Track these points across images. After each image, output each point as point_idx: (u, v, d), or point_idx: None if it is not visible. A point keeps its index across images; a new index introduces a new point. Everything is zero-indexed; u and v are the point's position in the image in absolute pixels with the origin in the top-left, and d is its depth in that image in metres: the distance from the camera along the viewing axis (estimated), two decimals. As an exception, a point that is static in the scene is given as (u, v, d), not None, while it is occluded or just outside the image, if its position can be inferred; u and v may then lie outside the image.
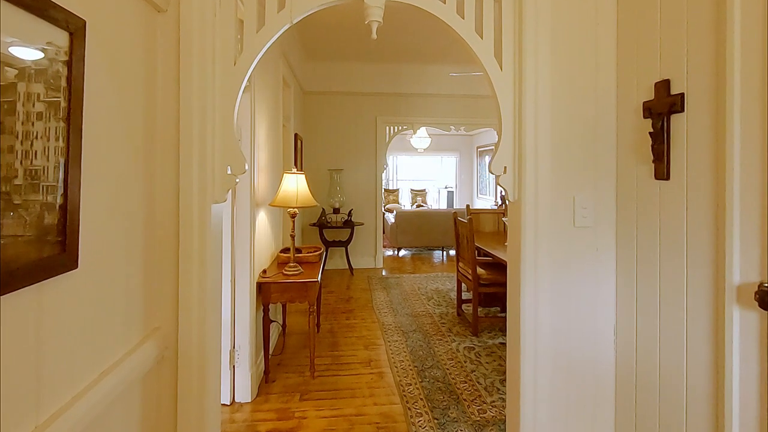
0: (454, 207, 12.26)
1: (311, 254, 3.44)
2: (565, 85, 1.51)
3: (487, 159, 11.22)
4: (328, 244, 6.03)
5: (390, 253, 7.73)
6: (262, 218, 3.15)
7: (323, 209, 6.03)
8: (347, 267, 6.14)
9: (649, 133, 1.31)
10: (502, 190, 1.55)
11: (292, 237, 3.07)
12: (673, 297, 1.25)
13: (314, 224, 5.99)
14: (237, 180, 1.44)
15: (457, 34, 1.50)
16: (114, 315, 1.06)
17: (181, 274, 1.32)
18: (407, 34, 5.16)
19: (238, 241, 2.69)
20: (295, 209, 3.02)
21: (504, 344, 3.63)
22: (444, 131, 8.52)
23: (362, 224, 6.18)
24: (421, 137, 9.49)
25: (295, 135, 5.20)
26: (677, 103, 1.22)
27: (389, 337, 3.73)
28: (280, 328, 3.68)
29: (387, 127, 6.49)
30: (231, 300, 2.63)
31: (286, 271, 3.01)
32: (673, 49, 1.25)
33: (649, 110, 1.33)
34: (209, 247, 1.37)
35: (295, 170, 3.07)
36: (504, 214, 5.14)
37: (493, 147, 10.81)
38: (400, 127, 6.52)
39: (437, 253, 7.73)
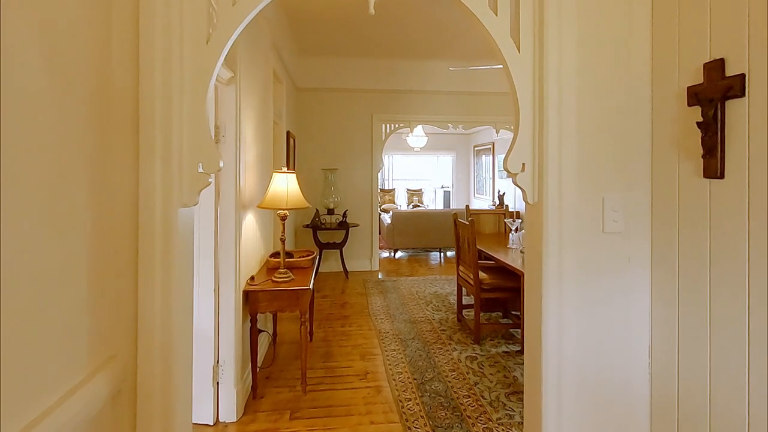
0: (451, 207, 12.08)
1: (303, 259, 3.22)
2: (593, 68, 1.30)
3: (484, 158, 11.04)
4: (323, 247, 5.81)
5: (386, 254, 7.52)
6: (250, 221, 2.93)
7: (317, 210, 5.81)
8: (342, 270, 5.92)
9: (697, 123, 1.11)
10: (520, 190, 1.34)
11: (282, 241, 2.85)
12: (731, 321, 1.04)
13: (308, 226, 5.77)
14: (210, 180, 1.22)
15: (467, 8, 1.29)
16: (46, 350, 0.84)
17: (141, 291, 1.10)
18: (404, 28, 4.95)
19: (222, 247, 2.47)
20: (286, 211, 2.81)
21: (508, 353, 3.43)
22: (442, 129, 8.33)
23: (357, 225, 5.97)
24: (417, 136, 9.29)
25: (288, 133, 4.97)
26: (735, 87, 1.02)
27: (387, 346, 3.52)
28: (270, 338, 3.46)
29: (383, 125, 6.28)
30: (215, 311, 2.41)
31: (275, 277, 2.79)
32: (728, 22, 1.05)
33: (695, 96, 1.13)
34: (176, 259, 1.15)
35: (285, 169, 2.86)
36: (505, 215, 4.95)
37: (490, 146, 10.65)
38: (396, 125, 6.31)
39: (435, 255, 7.53)
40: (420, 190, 12.24)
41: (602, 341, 1.31)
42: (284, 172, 2.82)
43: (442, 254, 7.54)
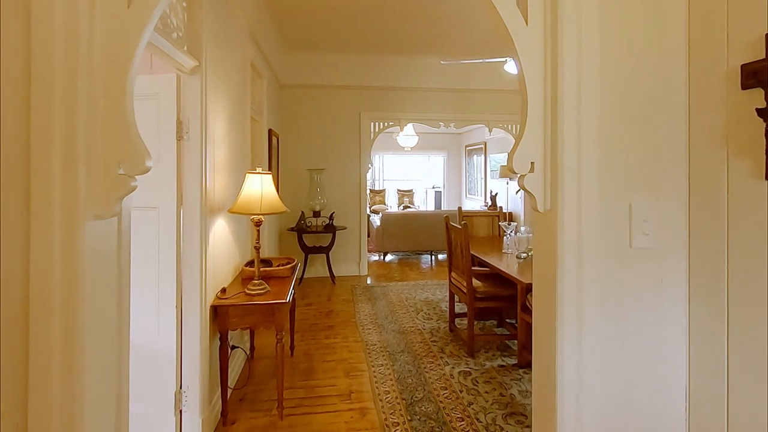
0: (442, 208, 11.86)
1: (282, 267, 2.95)
2: (618, 44, 1.06)
3: (476, 158, 10.83)
4: (308, 251, 5.53)
5: (375, 258, 7.26)
6: (221, 227, 2.65)
7: (302, 213, 5.53)
8: (329, 275, 5.65)
9: (757, 110, 0.87)
10: (528, 195, 1.09)
11: (257, 249, 2.57)
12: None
13: (292, 229, 5.49)
14: (134, 183, 0.95)
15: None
16: None
17: (33, 332, 0.83)
18: (395, 22, 4.70)
19: (185, 257, 2.18)
20: (260, 216, 2.53)
21: (503, 366, 3.19)
22: (433, 128, 8.09)
23: (345, 228, 5.70)
24: (408, 135, 9.05)
25: (270, 131, 4.69)
26: (814, 61, 0.78)
27: (374, 360, 3.26)
28: (247, 354, 3.18)
29: (372, 123, 6.01)
30: (177, 330, 2.13)
31: (249, 289, 2.52)
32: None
33: (754, 76, 0.89)
34: (86, 287, 0.88)
35: (260, 169, 2.58)
36: (499, 218, 4.72)
37: (482, 146, 10.44)
38: (385, 123, 6.05)
39: (426, 258, 7.28)
40: (411, 190, 12.01)
41: (628, 379, 1.07)
42: (258, 173, 2.55)
43: (433, 257, 7.30)
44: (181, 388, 2.16)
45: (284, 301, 2.43)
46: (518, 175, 1.07)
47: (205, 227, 2.28)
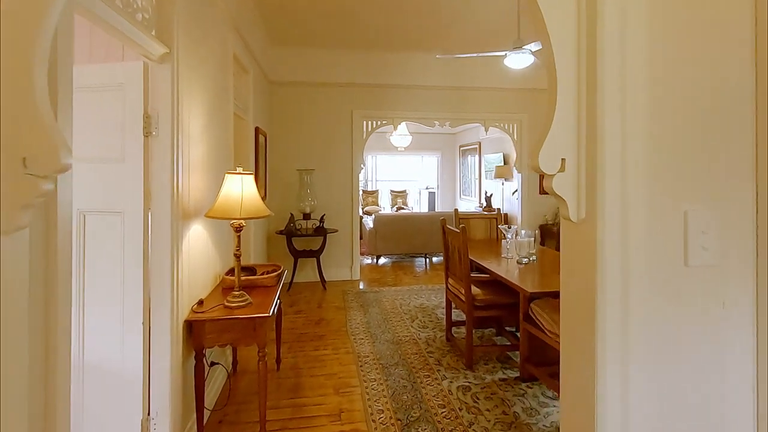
0: (436, 209, 11.67)
1: (267, 276, 2.72)
2: (672, 21, 0.85)
3: (470, 159, 10.65)
4: (298, 255, 5.29)
5: (368, 261, 7.03)
6: (198, 233, 2.41)
7: (292, 215, 5.28)
8: (320, 280, 5.41)
9: None
10: (557, 200, 0.87)
11: (237, 257, 2.34)
12: None
13: (281, 232, 5.24)
14: (47, 186, 0.72)
15: None
16: None
17: None
18: (389, 17, 4.48)
19: (154, 268, 1.95)
20: (241, 221, 2.30)
21: (505, 380, 2.98)
22: (427, 128, 7.90)
23: (336, 231, 5.47)
24: (401, 135, 8.85)
25: (257, 129, 4.45)
26: None
27: (366, 375, 3.03)
28: (228, 370, 2.94)
29: (364, 122, 5.79)
30: (144, 349, 1.89)
31: (229, 301, 2.28)
32: None
33: None
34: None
35: (241, 169, 2.35)
36: (497, 220, 4.52)
37: (476, 146, 10.26)
38: (379, 122, 5.83)
39: (420, 261, 7.07)
40: (404, 191, 11.80)
41: (685, 421, 0.86)
42: (239, 173, 2.31)
43: (427, 260, 7.09)
44: (149, 414, 1.92)
45: (267, 314, 2.19)
46: (547, 175, 0.85)
47: (178, 233, 2.04)
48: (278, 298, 2.64)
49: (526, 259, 3.35)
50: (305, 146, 5.64)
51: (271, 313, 2.22)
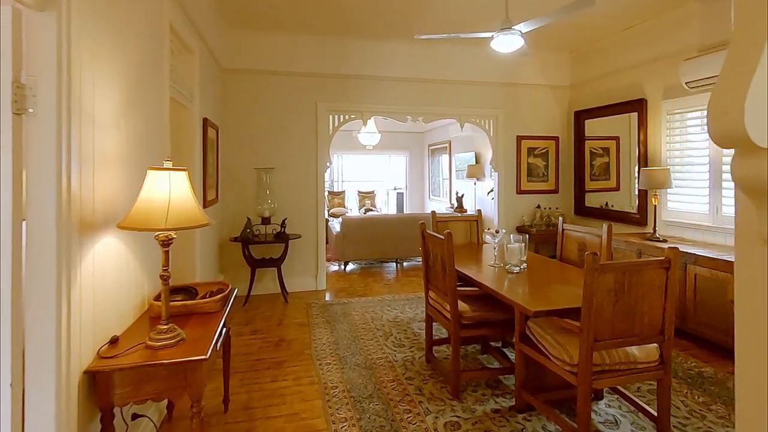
0: (405, 210, 11.27)
1: (208, 300, 2.15)
2: None
3: (441, 158, 10.31)
4: (256, 264, 4.69)
5: (335, 267, 6.50)
6: (112, 248, 1.83)
7: (248, 219, 4.68)
8: (281, 291, 4.83)
9: None
10: (747, 195, 0.41)
11: (164, 279, 1.77)
12: None
13: (236, 239, 4.62)
14: None
15: None
16: None
17: None
18: (354, -8, 3.99)
19: (31, 298, 1.36)
20: (169, 233, 1.74)
21: (498, 411, 2.55)
22: (397, 125, 7.45)
23: (299, 237, 4.91)
24: (369, 132, 8.37)
25: (205, 121, 3.84)
26: None
27: (335, 413, 2.52)
28: (163, 415, 2.34)
29: (330, 116, 5.26)
30: (12, 422, 1.30)
31: (152, 339, 1.72)
32: None
33: None
34: None
35: (169, 163, 1.79)
36: (480, 222, 4.10)
37: (446, 145, 9.92)
38: (346, 116, 5.31)
39: (390, 266, 6.60)
40: (372, 192, 11.33)
41: None
42: (166, 169, 1.75)
43: (398, 265, 6.64)
44: None
45: (203, 356, 1.65)
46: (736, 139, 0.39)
47: (70, 251, 1.46)
48: (223, 327, 2.09)
49: (516, 268, 2.95)
50: (264, 142, 5.05)
51: (208, 355, 1.67)
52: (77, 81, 1.50)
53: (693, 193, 4.16)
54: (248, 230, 4.61)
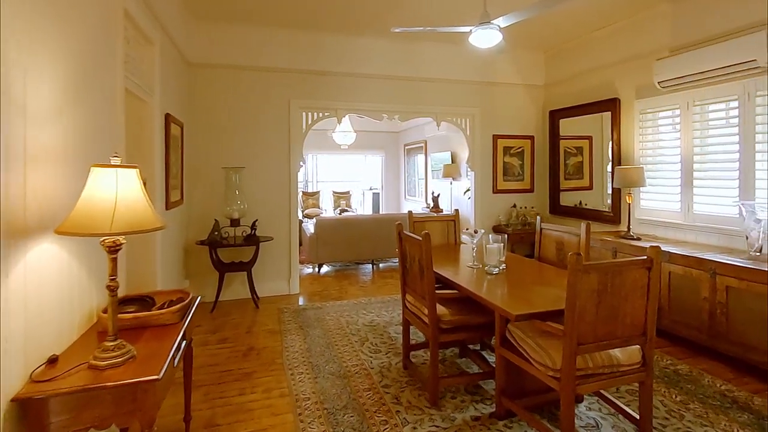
0: (381, 210, 11.15)
1: (164, 311, 1.96)
2: None
3: (417, 158, 10.25)
4: (224, 269, 4.47)
5: (309, 270, 6.32)
6: (50, 255, 1.62)
7: (216, 221, 4.45)
8: (251, 296, 4.62)
9: None
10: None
11: (111, 290, 1.58)
12: None
13: (203, 242, 4.39)
14: None
15: None
16: None
17: None
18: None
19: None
20: (117, 238, 1.55)
21: (478, 419, 2.46)
22: (372, 124, 7.32)
23: (271, 239, 4.71)
24: (344, 132, 8.22)
25: (167, 117, 3.61)
26: None
27: (307, 427, 2.37)
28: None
29: (303, 114, 5.08)
30: None
31: (97, 357, 1.53)
32: None
33: None
34: None
35: (117, 159, 1.60)
36: (457, 222, 4.02)
37: (422, 144, 9.85)
38: (320, 114, 5.14)
39: (366, 268, 6.47)
40: (347, 192, 11.17)
41: None
42: (112, 166, 1.56)
43: (374, 267, 6.51)
44: None
45: (155, 377, 1.47)
46: None
47: (-6, 262, 1.26)
48: (182, 340, 1.90)
49: (496, 269, 2.87)
50: (234, 140, 4.82)
51: (161, 374, 1.50)
52: (3, 67, 1.30)
53: (665, 191, 4.20)
54: (216, 233, 4.38)
